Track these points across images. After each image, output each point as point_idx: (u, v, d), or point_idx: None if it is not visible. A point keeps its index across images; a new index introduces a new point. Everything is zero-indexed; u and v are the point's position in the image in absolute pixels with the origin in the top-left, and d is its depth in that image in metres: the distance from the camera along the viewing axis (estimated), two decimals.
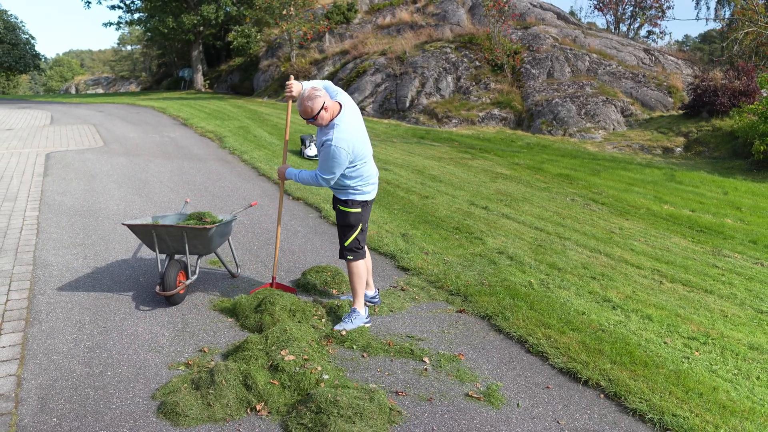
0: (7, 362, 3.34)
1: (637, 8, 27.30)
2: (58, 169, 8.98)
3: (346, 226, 3.88)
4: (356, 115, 3.74)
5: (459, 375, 3.35)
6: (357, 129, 3.68)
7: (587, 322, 4.04)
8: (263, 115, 17.17)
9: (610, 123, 15.52)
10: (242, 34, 27.42)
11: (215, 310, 4.18)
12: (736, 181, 10.69)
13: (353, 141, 3.60)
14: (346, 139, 3.55)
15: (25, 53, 40.75)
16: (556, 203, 8.06)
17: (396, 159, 10.86)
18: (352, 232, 3.87)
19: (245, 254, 5.41)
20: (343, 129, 3.58)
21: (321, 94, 3.54)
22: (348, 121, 3.63)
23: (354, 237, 3.87)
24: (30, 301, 4.22)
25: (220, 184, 8.31)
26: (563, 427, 2.91)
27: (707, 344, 3.88)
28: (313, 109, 3.51)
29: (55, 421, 2.81)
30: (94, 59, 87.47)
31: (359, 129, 3.72)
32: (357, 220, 3.87)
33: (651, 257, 5.86)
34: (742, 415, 2.99)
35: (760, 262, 6.00)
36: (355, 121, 3.69)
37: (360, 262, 3.91)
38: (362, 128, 3.77)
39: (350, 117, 3.67)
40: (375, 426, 2.76)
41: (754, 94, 14.09)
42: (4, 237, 5.70)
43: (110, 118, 16.78)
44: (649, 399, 3.09)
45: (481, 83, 18.22)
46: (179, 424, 2.80)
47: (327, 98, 3.58)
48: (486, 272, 5.01)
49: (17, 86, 56.29)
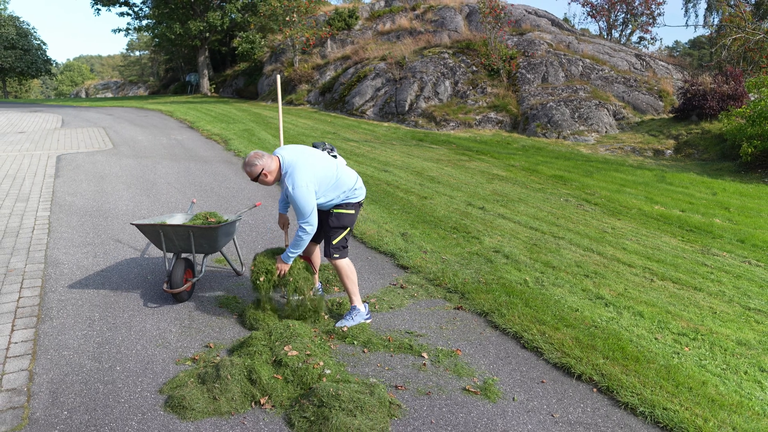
0: (19, 357, 3.34)
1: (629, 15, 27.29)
2: (69, 171, 8.98)
3: (338, 227, 3.88)
4: (303, 150, 3.71)
5: (456, 370, 3.35)
6: (308, 159, 3.63)
7: (581, 319, 4.04)
8: (267, 119, 17.17)
9: (602, 126, 15.52)
10: (247, 40, 27.43)
11: (221, 306, 4.18)
12: (725, 182, 10.69)
13: (309, 172, 3.56)
14: (302, 176, 3.53)
15: (36, 58, 40.81)
16: (551, 204, 8.06)
17: (396, 161, 10.86)
18: (342, 232, 3.88)
19: (250, 253, 5.40)
20: (296, 169, 3.55)
21: (259, 162, 3.54)
22: (295, 160, 3.59)
23: (342, 236, 3.88)
24: (42, 298, 4.22)
25: (226, 185, 8.31)
26: (557, 420, 2.90)
27: (697, 340, 3.87)
28: (252, 173, 3.57)
29: (66, 414, 2.81)
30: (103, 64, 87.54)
31: (310, 156, 3.68)
32: (351, 221, 3.89)
33: (642, 256, 5.85)
34: (730, 409, 2.99)
35: (748, 261, 5.99)
36: (302, 155, 3.66)
37: (346, 260, 3.91)
38: (313, 154, 3.72)
39: (295, 154, 3.64)
40: (375, 419, 2.76)
41: (742, 98, 14.09)
42: (17, 236, 5.70)
43: (119, 121, 16.78)
44: (641, 393, 3.09)
45: (478, 87, 18.22)
46: (186, 417, 2.80)
47: (267, 162, 3.56)
48: (483, 270, 5.01)
49: (29, 90, 56.32)
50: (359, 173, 9.29)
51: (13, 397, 2.93)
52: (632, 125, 15.68)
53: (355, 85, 20.22)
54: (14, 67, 39.71)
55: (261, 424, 2.78)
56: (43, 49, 41.90)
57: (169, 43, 31.00)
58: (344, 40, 25.29)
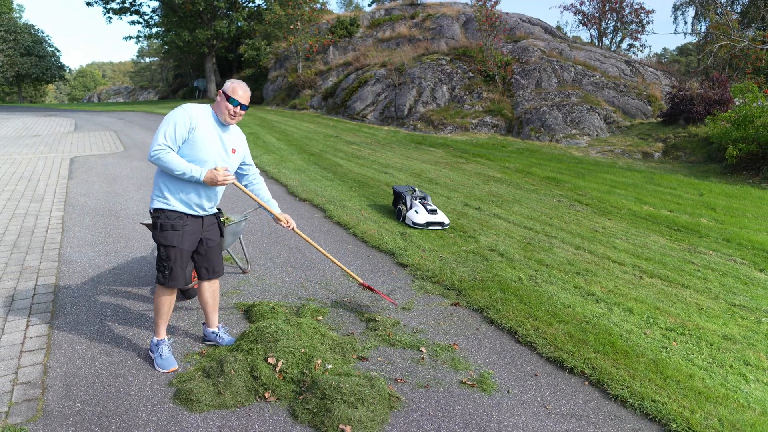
0: (34, 352, 3.34)
1: (619, 23, 27.29)
2: (82, 173, 8.97)
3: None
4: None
5: (454, 363, 3.34)
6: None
7: (573, 315, 4.04)
8: (272, 122, 17.17)
9: (593, 130, 15.51)
10: (252, 47, 27.43)
11: (228, 303, 4.18)
12: (711, 183, 10.68)
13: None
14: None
15: (51, 65, 40.83)
16: (544, 204, 8.06)
17: (395, 163, 10.85)
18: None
19: (255, 251, 5.40)
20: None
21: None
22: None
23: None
24: (55, 295, 4.22)
25: (231, 186, 8.29)
26: (550, 411, 2.90)
27: (684, 335, 3.87)
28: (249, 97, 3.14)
29: (79, 406, 2.81)
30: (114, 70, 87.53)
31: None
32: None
33: (632, 254, 5.85)
34: (716, 401, 2.99)
35: (733, 259, 5.99)
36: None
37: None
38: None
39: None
40: (376, 411, 2.76)
41: (728, 103, 14.09)
42: (32, 236, 5.70)
43: (130, 125, 16.78)
44: (630, 386, 3.09)
45: (474, 93, 18.21)
46: (193, 409, 2.80)
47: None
48: (479, 268, 5.00)
49: (44, 95, 56.30)
50: (361, 175, 9.34)
51: (29, 390, 2.93)
52: (622, 129, 15.67)
53: (357, 91, 20.22)
54: (30, 73, 39.73)
55: (266, 416, 2.77)
56: (57, 55, 41.92)
57: (177, 50, 31.03)
58: (346, 47, 25.29)
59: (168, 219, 3.02)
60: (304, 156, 11.16)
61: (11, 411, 2.74)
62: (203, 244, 3.22)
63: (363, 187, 8.42)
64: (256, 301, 4.03)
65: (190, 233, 3.10)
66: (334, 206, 7.03)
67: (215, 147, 3.05)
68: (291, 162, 10.38)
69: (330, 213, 6.76)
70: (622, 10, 26.58)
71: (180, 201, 3.04)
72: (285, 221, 3.39)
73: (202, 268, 3.28)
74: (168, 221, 3.02)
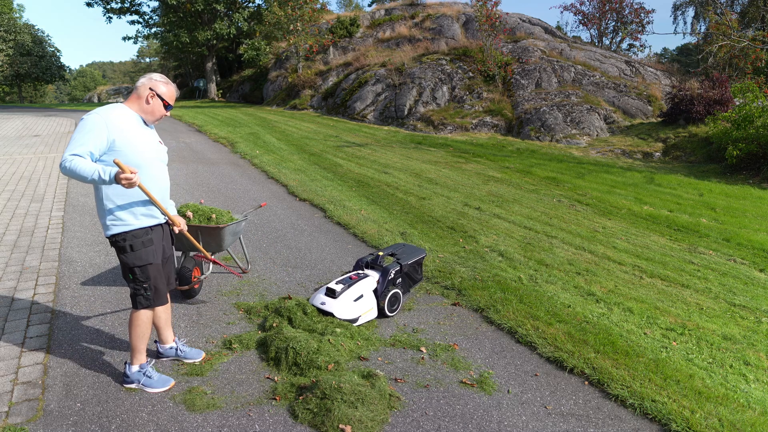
0: (34, 351, 3.34)
1: (619, 23, 27.29)
2: None
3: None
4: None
5: (454, 363, 3.34)
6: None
7: (573, 315, 4.03)
8: (272, 122, 17.17)
9: (593, 130, 15.50)
10: (253, 47, 27.44)
11: (228, 303, 4.18)
12: (711, 183, 10.68)
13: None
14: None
15: (51, 65, 40.82)
16: (544, 204, 8.06)
17: (395, 163, 10.85)
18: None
19: (255, 251, 5.40)
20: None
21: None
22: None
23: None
24: (56, 294, 4.22)
25: (232, 186, 8.30)
26: (550, 411, 2.90)
27: (684, 335, 3.87)
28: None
29: (79, 406, 2.81)
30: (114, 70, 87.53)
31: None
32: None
33: (632, 254, 5.85)
34: (716, 401, 2.99)
35: (733, 259, 5.99)
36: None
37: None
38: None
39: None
40: (376, 410, 2.76)
41: (728, 103, 14.08)
42: (32, 236, 5.70)
43: None
44: (630, 386, 3.09)
45: (474, 93, 18.21)
46: (194, 409, 2.80)
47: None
48: (478, 268, 5.00)
49: (44, 95, 56.31)
50: (361, 175, 9.34)
51: (29, 390, 2.93)
52: (622, 129, 15.67)
53: (357, 91, 20.22)
54: (30, 73, 39.73)
55: (266, 416, 2.77)
56: (57, 55, 41.91)
57: (177, 51, 31.01)
58: (346, 47, 25.29)
59: (136, 237, 2.79)
60: (304, 156, 11.16)
61: (11, 411, 2.74)
62: (164, 253, 2.99)
63: (363, 187, 8.42)
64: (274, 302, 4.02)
65: (159, 243, 2.90)
66: (334, 206, 7.04)
67: (148, 147, 2.82)
68: (291, 162, 10.38)
69: (330, 213, 6.76)
70: (622, 10, 26.57)
71: (141, 215, 2.82)
72: (178, 224, 3.03)
73: None
74: (137, 239, 2.78)
